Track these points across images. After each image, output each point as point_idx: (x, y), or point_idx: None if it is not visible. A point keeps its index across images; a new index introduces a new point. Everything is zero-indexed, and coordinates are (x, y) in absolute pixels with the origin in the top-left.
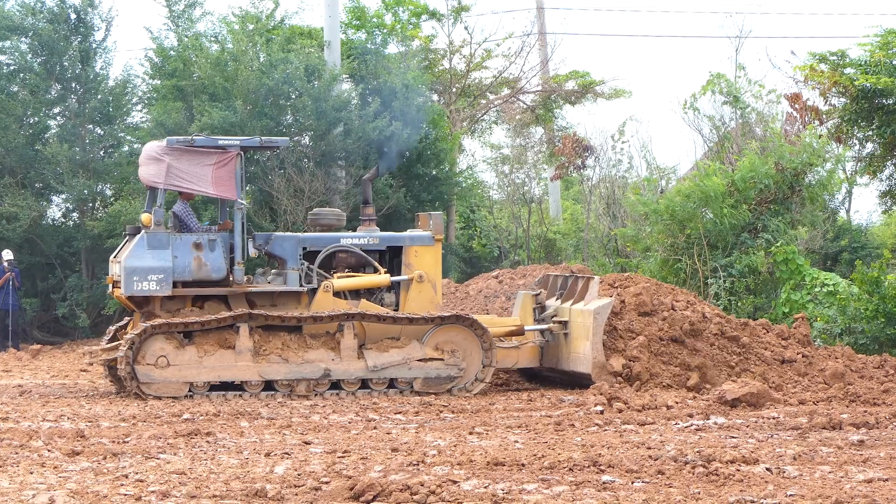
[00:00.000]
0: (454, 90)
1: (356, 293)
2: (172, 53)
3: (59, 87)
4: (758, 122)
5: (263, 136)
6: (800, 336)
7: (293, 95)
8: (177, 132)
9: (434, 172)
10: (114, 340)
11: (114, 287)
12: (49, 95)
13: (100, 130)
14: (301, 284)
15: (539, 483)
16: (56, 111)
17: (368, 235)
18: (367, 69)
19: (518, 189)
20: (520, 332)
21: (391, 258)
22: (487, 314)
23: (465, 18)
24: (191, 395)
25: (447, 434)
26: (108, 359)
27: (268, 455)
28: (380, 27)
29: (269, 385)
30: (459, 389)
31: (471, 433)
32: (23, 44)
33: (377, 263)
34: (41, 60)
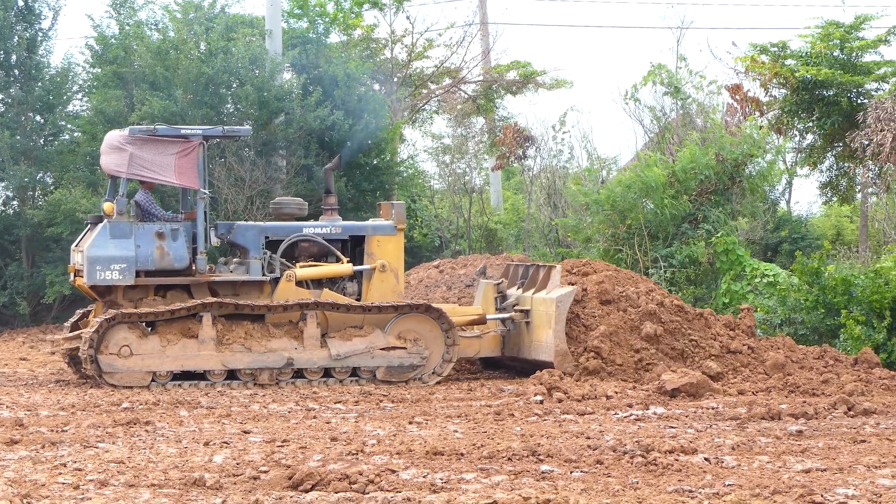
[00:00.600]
0: (395, 80)
1: (318, 282)
2: (113, 42)
3: (3, 75)
4: (698, 113)
5: (226, 126)
6: (744, 327)
7: (234, 84)
8: (116, 120)
9: (375, 162)
10: (75, 329)
11: (76, 276)
12: None
13: (40, 118)
14: (264, 274)
15: (478, 472)
16: None
17: (331, 225)
18: (309, 58)
19: (459, 179)
20: (482, 322)
21: (353, 247)
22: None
23: (407, 8)
24: (154, 385)
25: (387, 423)
26: (71, 348)
27: (207, 444)
28: (322, 16)
29: (232, 374)
30: (422, 378)
31: (410, 423)
32: None
33: (339, 253)
34: None
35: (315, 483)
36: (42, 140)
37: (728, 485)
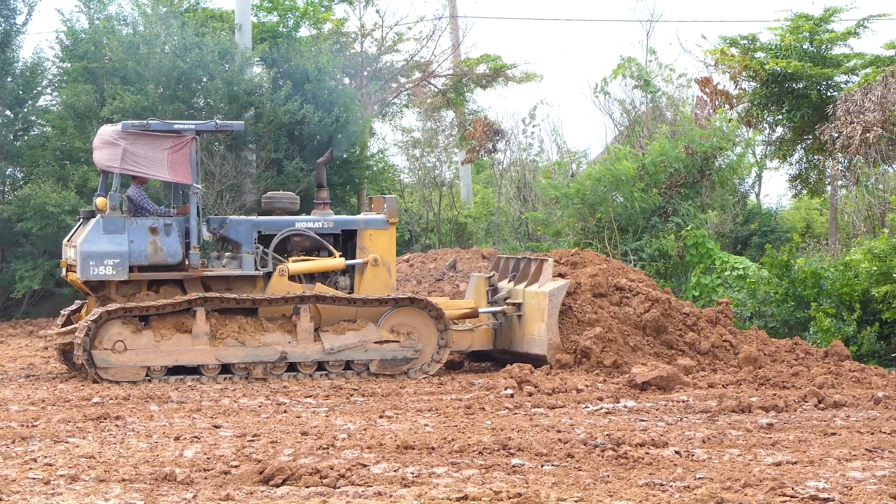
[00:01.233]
0: (365, 73)
1: (311, 277)
2: (84, 36)
3: None
4: (668, 106)
5: (218, 121)
6: (724, 321)
7: (205, 79)
8: (86, 115)
9: (345, 156)
10: (67, 324)
11: (68, 271)
12: None
13: (10, 113)
14: (256, 268)
15: (449, 466)
16: None
17: (323, 219)
18: (279, 52)
19: (429, 173)
20: (474, 315)
21: (345, 241)
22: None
23: (377, 2)
24: (148, 380)
25: (357, 418)
26: (63, 343)
27: (177, 439)
28: (292, 10)
29: (226, 368)
30: (416, 371)
31: (381, 417)
32: None
33: (332, 247)
34: None
35: (286, 477)
36: (12, 135)
37: (699, 478)
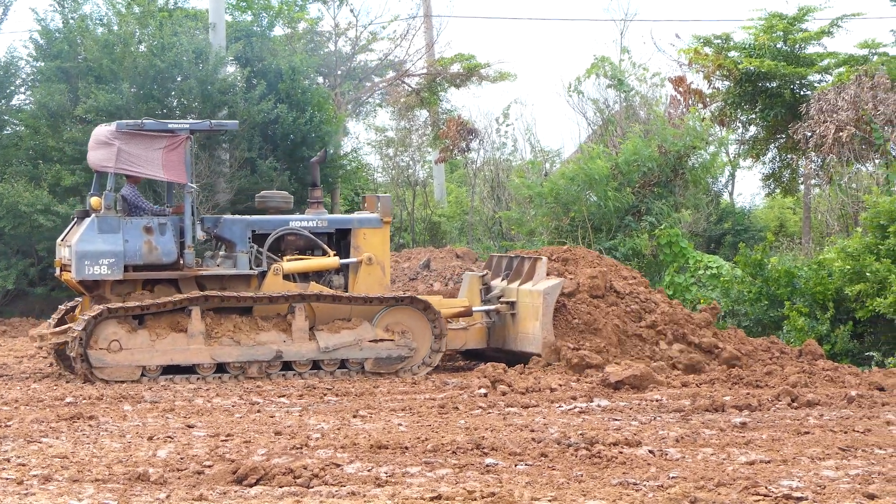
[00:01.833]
0: (339, 73)
1: (305, 276)
2: (58, 35)
3: None
4: (642, 105)
5: (213, 120)
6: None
7: (179, 78)
8: (60, 114)
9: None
10: (61, 324)
11: (62, 270)
12: None
13: None
14: (251, 267)
15: (422, 466)
16: None
17: (317, 218)
18: (253, 52)
19: (402, 172)
20: (468, 313)
21: (339, 240)
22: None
23: (351, 1)
24: (144, 379)
25: (331, 417)
26: (58, 342)
27: (150, 439)
28: (266, 9)
29: (221, 367)
30: (410, 369)
31: (354, 416)
32: None
33: (326, 246)
34: None
35: (259, 477)
36: None
37: (672, 477)
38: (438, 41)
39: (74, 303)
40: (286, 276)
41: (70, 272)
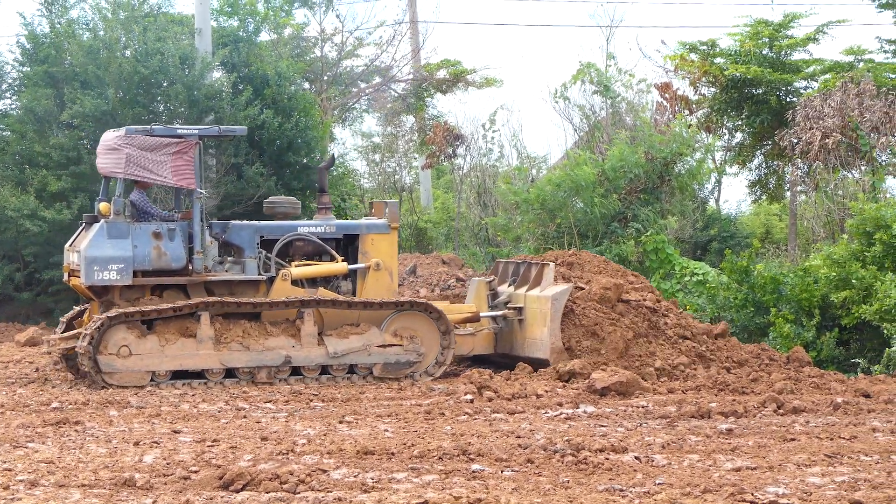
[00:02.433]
0: (325, 78)
1: (313, 281)
2: (45, 40)
3: None
4: (628, 112)
5: (222, 126)
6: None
7: (165, 83)
8: (46, 119)
9: (305, 161)
10: (69, 329)
11: (70, 276)
12: None
13: None
14: (259, 273)
15: (409, 472)
16: None
17: (325, 224)
18: (239, 57)
19: (389, 178)
20: (475, 319)
21: (346, 246)
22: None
23: (337, 6)
24: (154, 384)
25: (317, 423)
26: (66, 348)
27: (137, 444)
28: (252, 15)
29: (230, 372)
30: (419, 375)
31: (341, 422)
32: None
33: (334, 252)
34: None
35: (246, 483)
36: None
37: (658, 483)
38: (424, 47)
39: (82, 308)
40: (294, 282)
41: (79, 277)
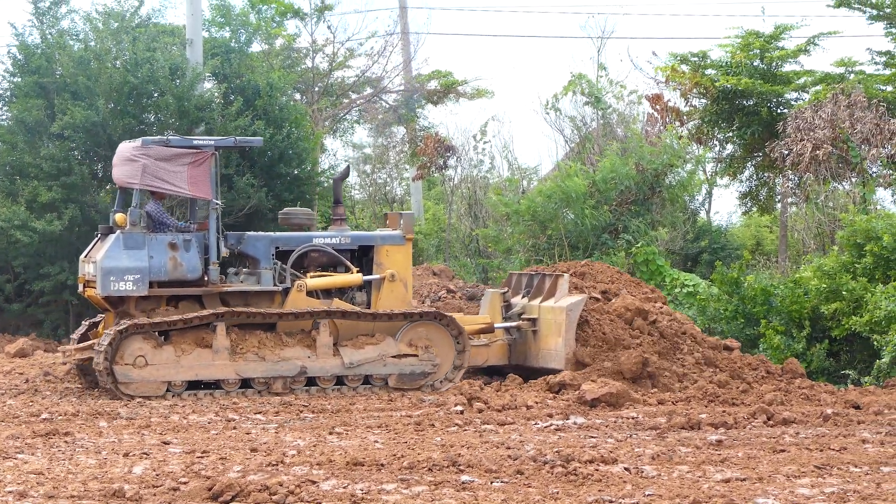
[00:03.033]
0: (317, 89)
1: (328, 292)
2: (36, 51)
3: None
4: (619, 123)
5: (238, 137)
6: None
7: (156, 94)
8: (37, 130)
9: (296, 172)
10: (84, 340)
11: (85, 287)
12: None
13: None
14: (275, 284)
15: (398, 483)
16: None
17: (340, 235)
18: (231, 68)
19: (380, 189)
20: (490, 330)
21: (361, 257)
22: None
23: (329, 17)
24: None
25: (307, 434)
26: (82, 358)
27: (126, 455)
28: (244, 26)
29: (246, 383)
30: (433, 385)
31: (330, 433)
32: None
33: (349, 263)
34: None
35: (235, 494)
36: None
37: (648, 494)
38: (415, 58)
39: (98, 319)
40: (309, 293)
41: (94, 288)
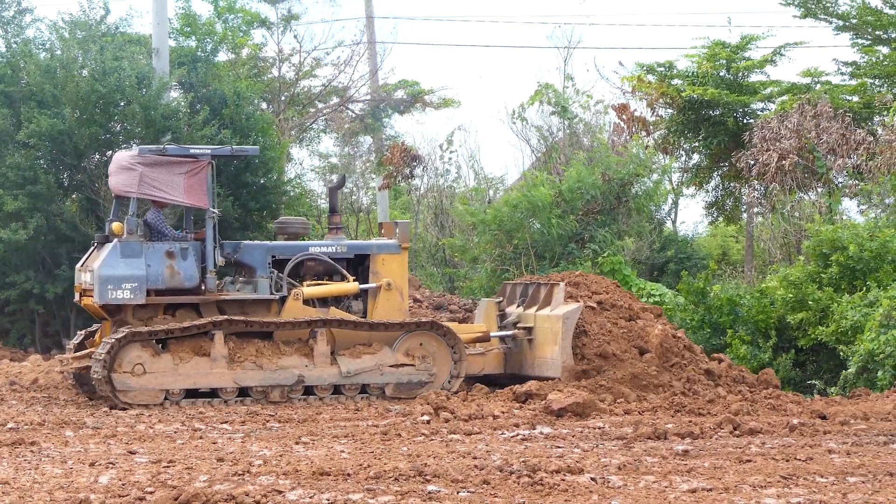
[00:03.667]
0: (283, 98)
1: (324, 301)
2: (1, 60)
3: None
4: (585, 133)
5: (234, 146)
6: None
7: (122, 103)
8: (2, 138)
9: (262, 181)
10: (81, 349)
11: (82, 295)
12: None
13: None
14: (271, 292)
15: (364, 493)
16: None
17: (336, 244)
18: (197, 77)
19: (346, 198)
20: (486, 339)
21: (357, 266)
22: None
23: (295, 27)
24: (169, 403)
25: (273, 444)
26: (79, 367)
27: (92, 465)
28: (210, 35)
29: (244, 391)
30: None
31: (297, 443)
32: None
33: (345, 271)
34: None
35: None
36: None
37: None
38: (382, 67)
39: (94, 328)
40: (306, 301)
41: (91, 297)
